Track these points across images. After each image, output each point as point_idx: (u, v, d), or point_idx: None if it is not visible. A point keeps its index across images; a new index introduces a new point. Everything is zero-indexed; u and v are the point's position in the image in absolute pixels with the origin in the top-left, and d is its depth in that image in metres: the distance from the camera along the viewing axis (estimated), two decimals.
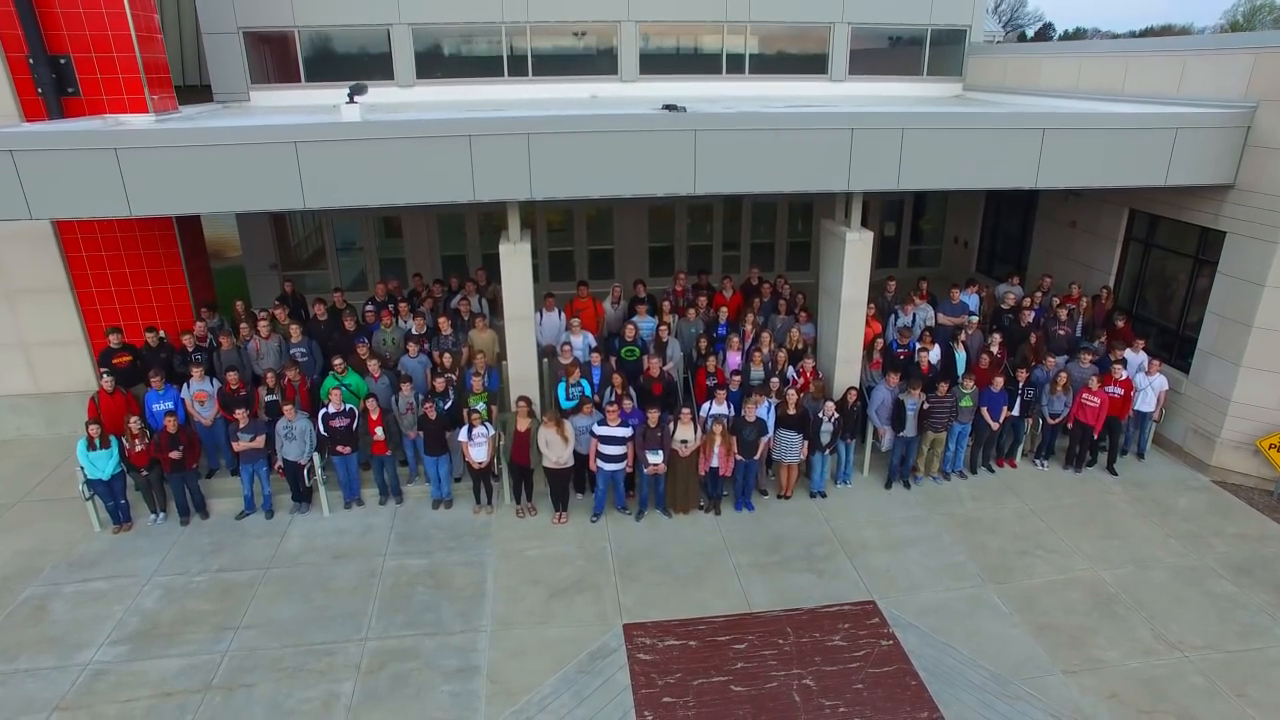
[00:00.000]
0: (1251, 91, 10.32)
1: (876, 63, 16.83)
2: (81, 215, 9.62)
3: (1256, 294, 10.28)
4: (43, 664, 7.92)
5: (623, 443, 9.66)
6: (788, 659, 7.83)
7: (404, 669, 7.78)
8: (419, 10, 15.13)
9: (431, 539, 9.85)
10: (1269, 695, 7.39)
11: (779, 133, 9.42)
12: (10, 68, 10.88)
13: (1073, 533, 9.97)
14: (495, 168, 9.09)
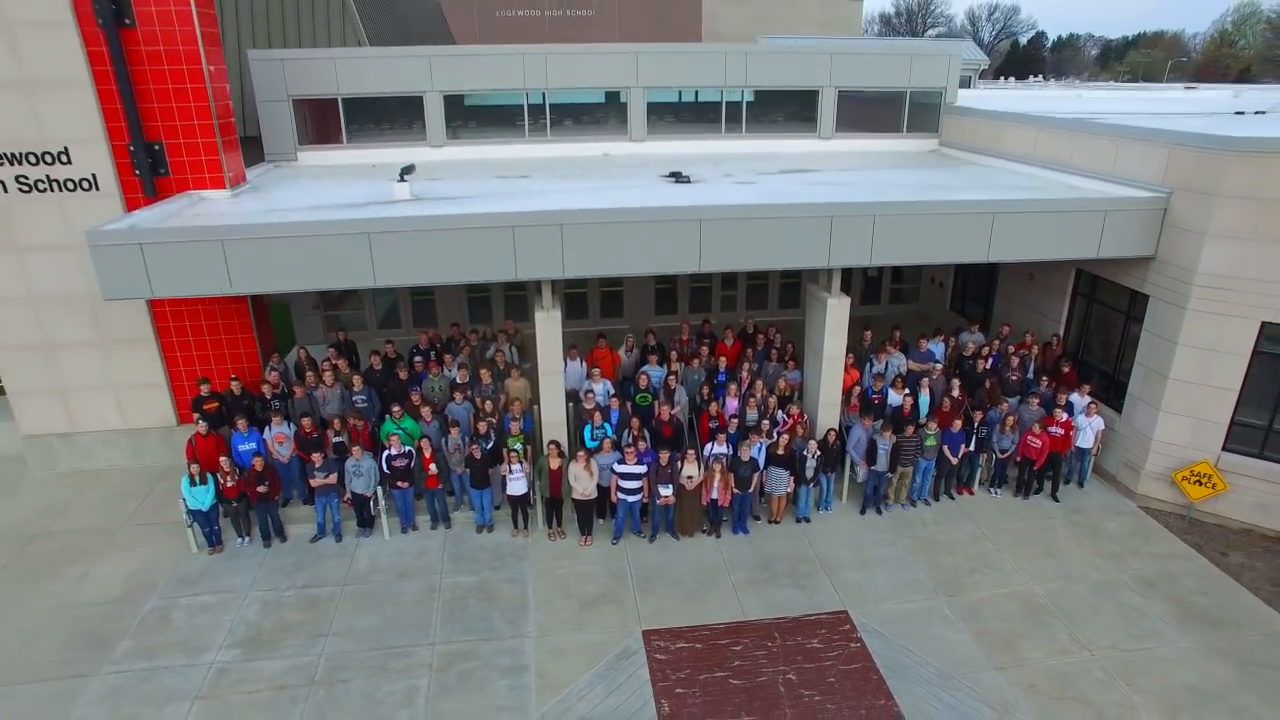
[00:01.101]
0: (1168, 179, 12.19)
1: (860, 121, 18.69)
2: (193, 294, 11.48)
3: (1172, 350, 12.18)
4: (177, 662, 9.81)
5: (639, 478, 11.55)
6: (775, 658, 9.74)
7: (467, 667, 9.67)
8: (449, 80, 16.97)
9: (479, 559, 11.74)
10: (1153, 684, 9.32)
11: (770, 221, 11.30)
12: (114, 153, 12.70)
13: (1016, 553, 11.89)
14: (534, 252, 10.96)
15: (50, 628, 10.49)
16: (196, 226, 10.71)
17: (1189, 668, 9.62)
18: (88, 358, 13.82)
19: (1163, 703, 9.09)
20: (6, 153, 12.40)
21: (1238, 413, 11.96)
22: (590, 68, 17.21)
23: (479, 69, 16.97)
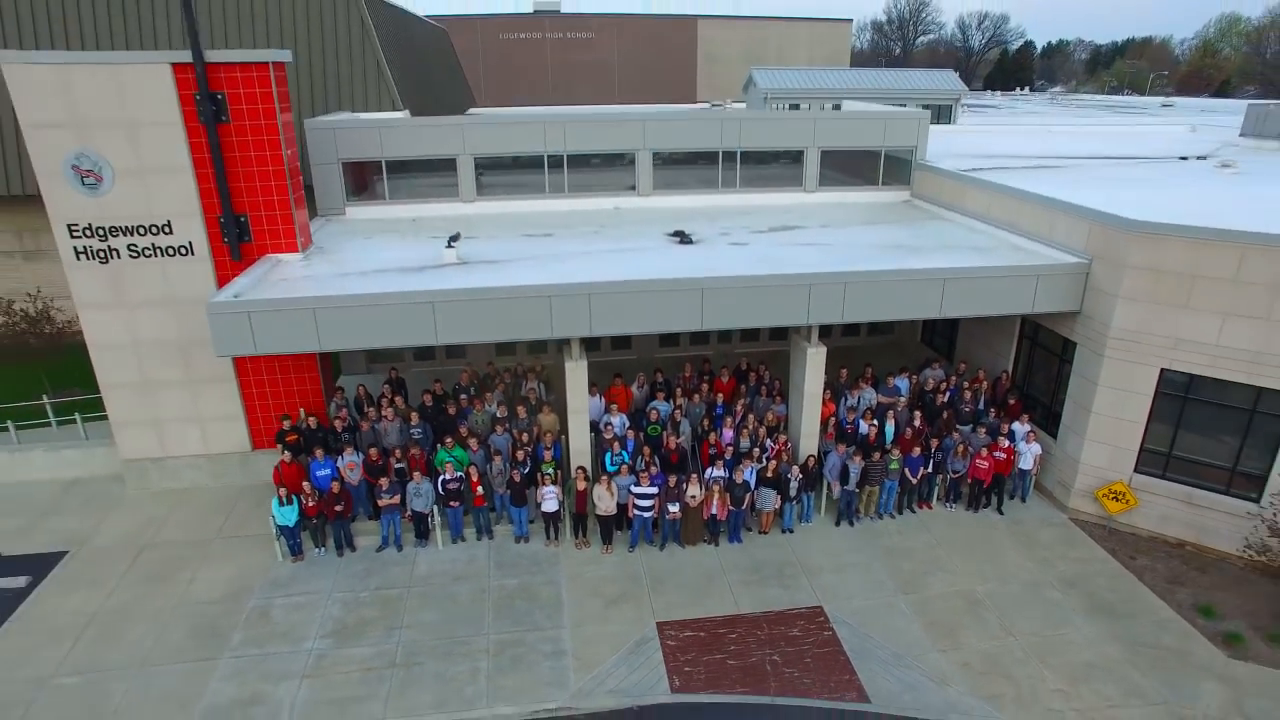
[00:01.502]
0: (1089, 248, 14.69)
1: (841, 175, 21.19)
2: (289, 351, 13.89)
3: (1094, 389, 14.67)
4: (282, 650, 12.20)
5: (651, 498, 13.98)
6: (763, 644, 12.18)
7: (517, 652, 12.09)
8: (480, 145, 19.42)
9: (519, 565, 14.16)
10: (1060, 662, 11.79)
11: (760, 289, 13.76)
12: (207, 224, 15.09)
13: (963, 558, 14.36)
14: (566, 316, 13.39)
15: (175, 621, 12.88)
16: (294, 298, 13.10)
17: (1090, 649, 12.10)
18: (178, 394, 16.21)
19: (1065, 676, 11.57)
20: (122, 225, 14.81)
21: (1145, 441, 14.46)
22: (603, 134, 19.67)
23: (505, 136, 19.43)
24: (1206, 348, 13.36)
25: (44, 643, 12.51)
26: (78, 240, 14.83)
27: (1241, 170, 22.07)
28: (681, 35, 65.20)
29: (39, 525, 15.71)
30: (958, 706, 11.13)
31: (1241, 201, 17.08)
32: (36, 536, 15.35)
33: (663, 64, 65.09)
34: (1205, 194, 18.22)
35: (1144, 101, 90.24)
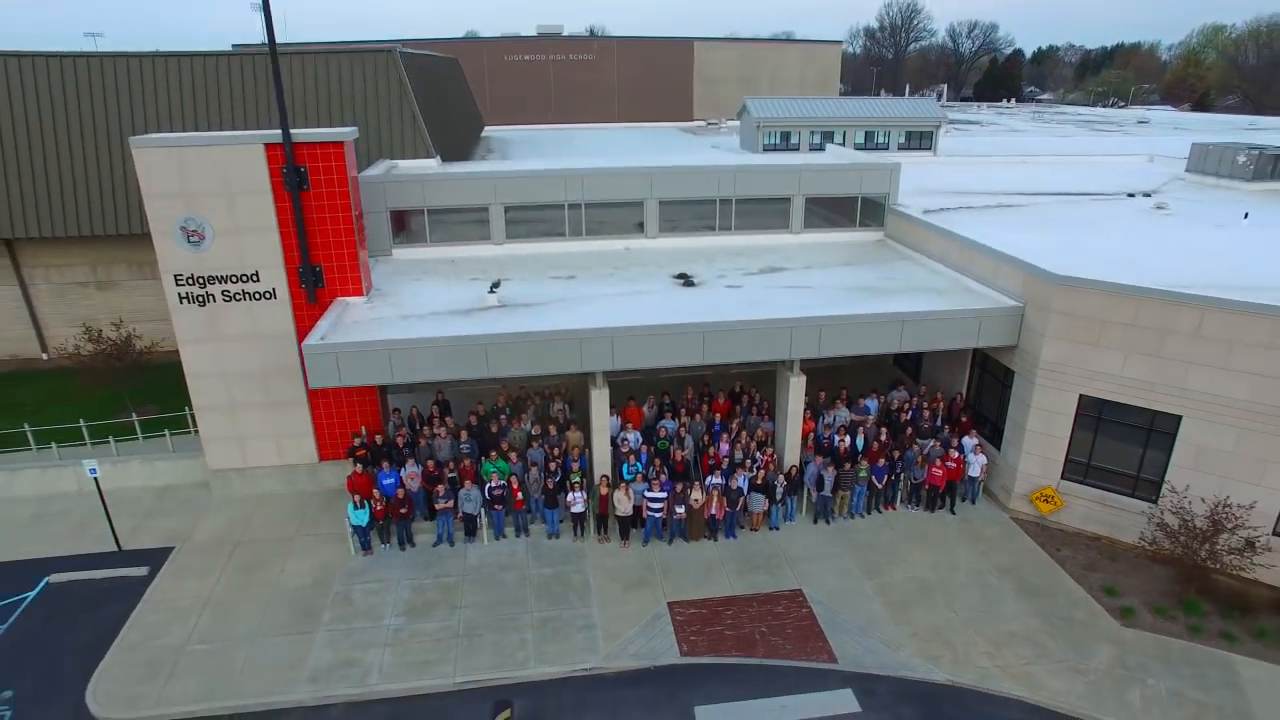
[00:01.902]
0: (1024, 293, 17.72)
1: (823, 218, 24.19)
2: (367, 383, 16.82)
3: (1028, 410, 17.71)
4: (366, 625, 15.14)
5: (661, 501, 16.95)
6: (753, 619, 15.17)
7: (556, 625, 15.05)
8: (509, 195, 22.36)
9: (552, 557, 17.12)
10: (989, 631, 14.81)
11: (750, 331, 16.76)
12: (288, 273, 18.02)
13: (919, 550, 17.37)
14: (593, 353, 16.37)
15: (275, 602, 15.82)
16: (373, 340, 16.06)
17: (1015, 621, 15.13)
18: (258, 414, 19.13)
19: (993, 642, 14.59)
20: (218, 275, 17.74)
21: (1069, 453, 17.50)
22: (615, 184, 22.66)
23: (531, 187, 22.40)
24: (1113, 378, 16.41)
25: (173, 619, 15.45)
26: (181, 287, 17.77)
27: (1173, 212, 25.20)
28: (679, 57, 68.19)
29: (145, 525, 18.62)
30: (906, 665, 14.15)
31: (1159, 248, 20.19)
32: (145, 534, 18.27)
33: (661, 84, 68.07)
34: (1132, 239, 21.33)
35: (1124, 116, 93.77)
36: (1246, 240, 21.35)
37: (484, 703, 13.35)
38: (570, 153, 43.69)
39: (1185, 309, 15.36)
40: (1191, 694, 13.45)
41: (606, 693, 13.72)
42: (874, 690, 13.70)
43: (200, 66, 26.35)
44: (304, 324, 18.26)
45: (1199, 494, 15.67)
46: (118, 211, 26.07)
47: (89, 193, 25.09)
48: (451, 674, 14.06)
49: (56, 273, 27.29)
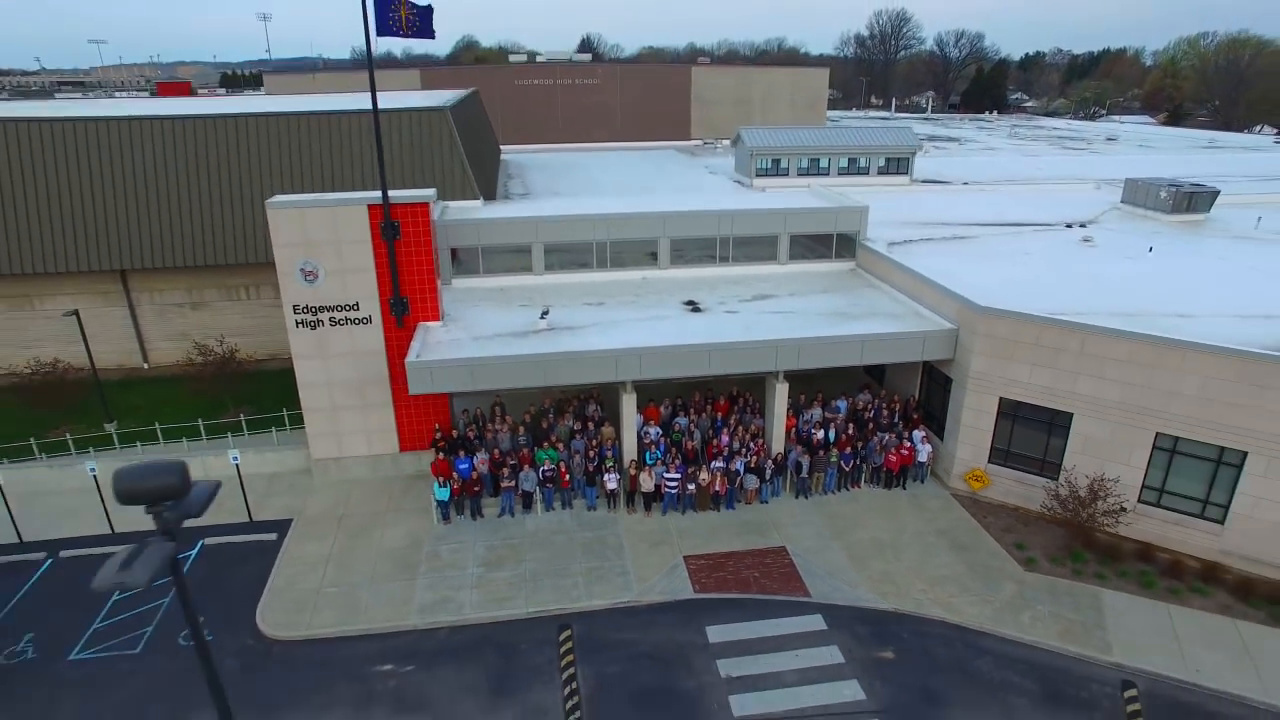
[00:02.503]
0: (958, 319, 22.70)
1: (804, 250, 29.13)
2: (452, 390, 21.66)
3: (961, 409, 22.70)
4: (454, 574, 20.02)
5: (676, 481, 21.88)
6: (748, 568, 20.12)
7: (599, 573, 19.96)
8: (548, 235, 27.20)
9: (593, 524, 22.02)
10: (925, 574, 19.76)
11: (744, 349, 21.71)
12: (381, 303, 22.87)
13: (877, 518, 22.33)
14: (626, 367, 21.31)
15: (381, 559, 20.68)
16: (458, 358, 20.95)
17: (946, 568, 20.09)
18: (353, 414, 23.97)
19: (928, 582, 19.55)
20: (328, 305, 22.59)
21: (993, 442, 22.50)
22: (634, 226, 27.55)
23: (566, 229, 27.27)
24: (1023, 385, 21.41)
25: (305, 571, 20.31)
26: (298, 315, 22.62)
27: (1096, 244, 30.27)
28: (677, 81, 73.09)
29: (265, 502, 23.45)
30: (862, 598, 19.11)
31: (1074, 278, 25.22)
32: (267, 509, 23.11)
33: (660, 106, 72.97)
34: (1055, 270, 26.33)
35: (1097, 130, 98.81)
36: (1142, 272, 26.42)
37: (550, 627, 18.28)
38: (581, 178, 48.44)
39: (1072, 333, 20.38)
40: (1066, 615, 18.46)
41: (640, 618, 18.64)
42: (838, 615, 18.66)
43: (280, 126, 31.17)
44: (392, 343, 23.16)
45: (1084, 472, 20.68)
46: (210, 246, 30.88)
47: (187, 231, 29.90)
48: (524, 606, 18.96)
49: (158, 295, 32.09)
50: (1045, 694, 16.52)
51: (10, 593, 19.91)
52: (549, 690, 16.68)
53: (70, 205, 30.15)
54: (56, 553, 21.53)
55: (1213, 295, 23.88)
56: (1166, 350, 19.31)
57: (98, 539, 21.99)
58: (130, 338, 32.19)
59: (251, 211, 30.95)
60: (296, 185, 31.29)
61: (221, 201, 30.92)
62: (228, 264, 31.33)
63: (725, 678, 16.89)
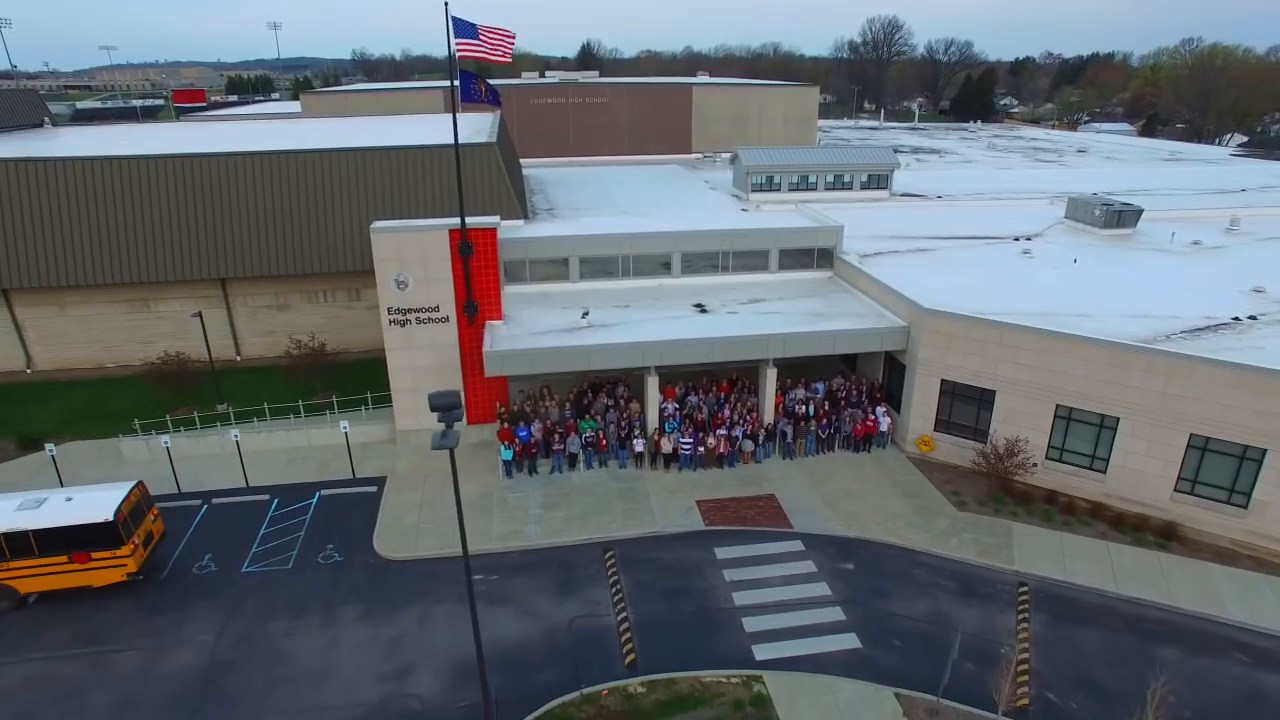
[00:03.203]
0: (909, 318, 28.90)
1: (790, 262, 35.31)
2: (518, 373, 27.79)
3: (913, 389, 28.89)
4: (520, 513, 26.19)
5: (690, 445, 28.08)
6: (746, 508, 26.33)
7: (632, 512, 26.14)
8: (583, 250, 33.31)
9: (624, 478, 28.20)
10: (882, 513, 25.97)
11: (742, 342, 27.92)
12: (456, 306, 29.01)
13: (846, 473, 28.53)
14: (650, 356, 27.50)
15: (467, 502, 26.57)
16: (522, 349, 27.09)
17: (897, 509, 26.30)
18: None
19: (883, 518, 25.77)
20: (414, 307, 28.71)
21: (938, 414, 28.71)
22: (653, 243, 33.67)
23: (598, 245, 33.37)
24: (959, 369, 27.62)
25: (404, 513, 26.45)
26: (391, 315, 28.74)
27: (1034, 256, 36.50)
28: (679, 99, 79.18)
29: (362, 464, 29.56)
30: (832, 529, 25.30)
31: (1008, 285, 31.40)
32: (364, 469, 29.23)
33: (663, 122, 79.08)
34: (996, 278, 32.50)
35: (1072, 140, 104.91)
36: (1065, 280, 32.64)
37: (596, 550, 24.45)
38: (596, 193, 54.43)
39: (993, 329, 26.60)
40: (984, 540, 24.68)
41: (664, 544, 24.82)
42: (813, 541, 24.84)
43: (353, 160, 37.27)
44: (464, 337, 29.30)
45: (1004, 436, 26.90)
46: (294, 258, 36.97)
47: (275, 246, 35.99)
48: (576, 535, 25.12)
49: (251, 299, 38.18)
50: (962, 590, 22.74)
51: (185, 527, 26.04)
52: (600, 590, 22.87)
53: (180, 225, 36.19)
54: (209, 500, 27.64)
55: (1113, 299, 30.10)
56: (1061, 342, 25.56)
57: (237, 490, 28.15)
58: (227, 334, 38.26)
59: (328, 230, 37.03)
60: (364, 207, 37.36)
61: (304, 221, 36.99)
62: (308, 273, 37.40)
63: (729, 581, 23.09)
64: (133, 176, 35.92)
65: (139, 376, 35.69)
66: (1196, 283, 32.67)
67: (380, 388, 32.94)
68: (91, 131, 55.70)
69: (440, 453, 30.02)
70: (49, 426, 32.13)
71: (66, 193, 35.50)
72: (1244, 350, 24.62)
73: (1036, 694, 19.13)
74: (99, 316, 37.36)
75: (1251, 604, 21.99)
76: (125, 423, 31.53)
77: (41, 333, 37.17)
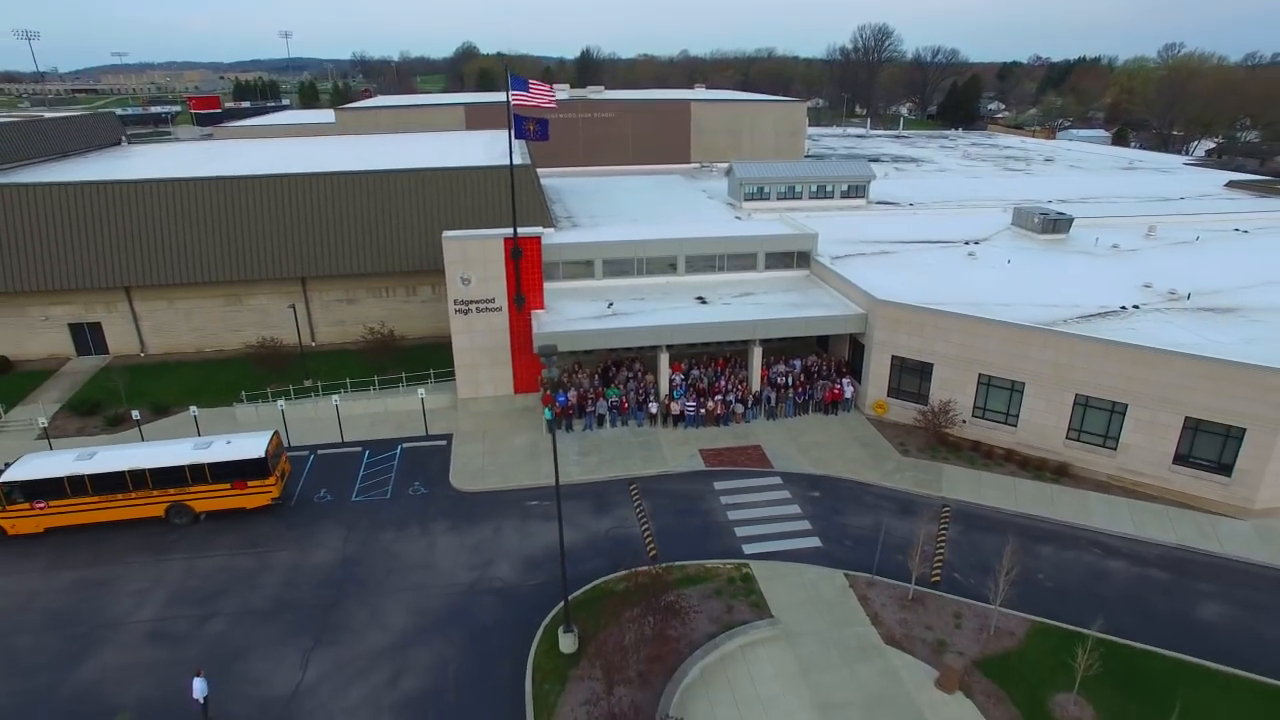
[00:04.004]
0: (866, 307, 36.49)
1: (774, 263, 42.89)
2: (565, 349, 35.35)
3: (870, 363, 36.49)
4: (562, 459, 33.68)
5: (694, 408, 35.63)
6: (737, 454, 33.89)
7: (649, 457, 33.68)
8: (606, 254, 40.85)
9: (641, 434, 35.74)
10: (845, 458, 33.53)
11: (734, 326, 35.49)
12: (508, 299, 36.50)
13: (817, 430, 36.10)
14: (662, 337, 35.03)
15: (516, 454, 34.31)
16: (566, 330, 34.60)
17: (855, 455, 33.85)
18: (486, 369, 37.57)
19: (844, 460, 33.35)
20: (475, 299, 36.22)
21: (889, 383, 36.29)
22: (663, 247, 41.19)
23: (618, 249, 40.88)
24: (905, 347, 35.20)
25: (471, 459, 33.96)
26: (456, 306, 36.25)
27: (978, 257, 44.12)
28: (679, 114, 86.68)
29: (432, 424, 37.02)
30: (804, 469, 32.87)
31: (951, 281, 38.99)
32: (434, 428, 36.71)
33: (665, 135, 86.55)
34: (942, 276, 40.08)
35: (1043, 149, 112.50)
36: (998, 277, 40.23)
37: (623, 485, 31.99)
38: (607, 202, 61.85)
39: (930, 315, 34.18)
40: (920, 476, 32.28)
41: (675, 480, 32.36)
42: (789, 477, 32.39)
43: (411, 179, 44.72)
44: (513, 324, 36.77)
45: (939, 399, 34.48)
46: (362, 259, 44.41)
47: (346, 249, 43.45)
48: (607, 474, 32.64)
49: (324, 294, 45.59)
50: (900, 510, 30.29)
51: (300, 471, 33.48)
52: (628, 510, 30.38)
53: (267, 232, 43.56)
54: (315, 451, 35.08)
55: (1033, 292, 37.66)
56: (981, 325, 33.14)
57: (335, 444, 35.59)
58: (305, 323, 45.64)
59: (390, 236, 44.42)
60: (420, 218, 44.71)
61: (370, 229, 44.38)
62: (372, 272, 44.80)
63: (724, 504, 30.63)
64: (230, 194, 43.28)
65: (236, 358, 43.08)
66: (1105, 279, 40.30)
67: (439, 365, 40.52)
68: (164, 149, 62.97)
69: (493, 416, 37.75)
70: (171, 398, 39.47)
71: (178, 207, 42.84)
72: (1120, 331, 32.23)
73: (946, 575, 26.70)
74: (199, 309, 44.72)
75: (1110, 517, 29.63)
76: (232, 394, 38.98)
77: (153, 322, 44.51)
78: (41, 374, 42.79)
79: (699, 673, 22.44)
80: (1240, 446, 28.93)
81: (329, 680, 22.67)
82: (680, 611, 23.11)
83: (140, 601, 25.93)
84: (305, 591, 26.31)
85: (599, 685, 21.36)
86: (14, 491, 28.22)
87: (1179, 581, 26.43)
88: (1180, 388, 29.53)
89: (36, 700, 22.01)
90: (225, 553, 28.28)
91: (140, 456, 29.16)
